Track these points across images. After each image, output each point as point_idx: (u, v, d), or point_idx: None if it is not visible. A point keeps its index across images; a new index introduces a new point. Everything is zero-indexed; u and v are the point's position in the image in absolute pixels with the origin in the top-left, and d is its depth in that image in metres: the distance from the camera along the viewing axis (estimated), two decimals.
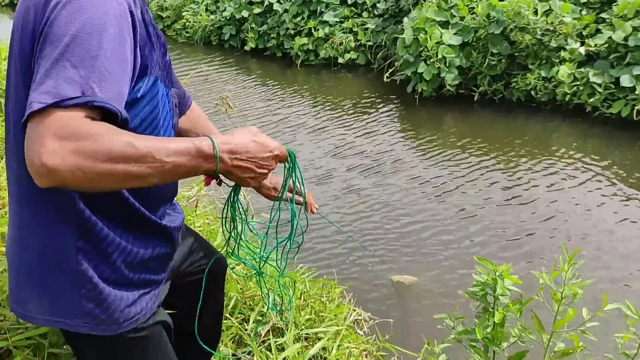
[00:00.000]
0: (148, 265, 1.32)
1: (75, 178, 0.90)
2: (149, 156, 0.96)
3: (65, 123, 0.89)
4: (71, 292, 1.19)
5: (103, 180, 0.93)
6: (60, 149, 0.88)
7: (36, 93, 0.91)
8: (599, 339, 1.80)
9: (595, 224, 4.36)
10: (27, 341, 1.48)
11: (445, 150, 5.93)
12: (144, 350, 1.35)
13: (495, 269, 1.77)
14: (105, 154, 0.91)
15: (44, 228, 1.17)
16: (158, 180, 1.01)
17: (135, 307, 1.28)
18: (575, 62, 6.52)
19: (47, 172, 0.88)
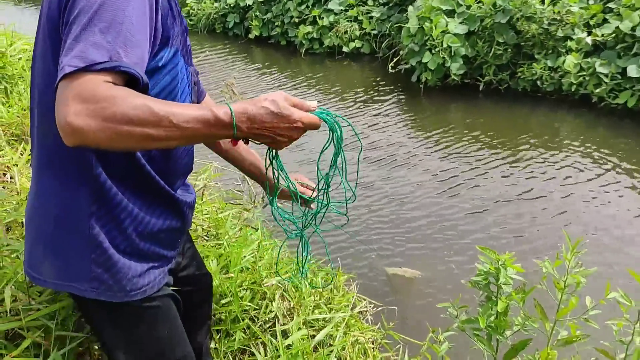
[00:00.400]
0: (158, 237, 1.35)
1: (96, 138, 0.95)
2: (167, 120, 0.99)
3: (88, 86, 0.94)
4: (82, 255, 1.24)
5: (123, 141, 0.97)
6: (82, 110, 0.93)
7: (67, 57, 0.96)
8: (603, 327, 1.82)
9: (600, 213, 4.36)
10: (38, 322, 1.51)
11: (449, 140, 5.92)
12: (153, 320, 1.39)
13: (498, 258, 1.78)
14: (124, 116, 0.95)
15: (61, 192, 1.23)
16: (177, 143, 1.05)
17: (144, 279, 1.32)
18: (581, 52, 6.48)
19: (71, 131, 0.94)
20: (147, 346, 1.41)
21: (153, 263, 1.36)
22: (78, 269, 1.25)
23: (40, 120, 1.22)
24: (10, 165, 2.27)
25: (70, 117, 0.93)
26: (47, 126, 1.20)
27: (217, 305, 2.13)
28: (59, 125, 0.95)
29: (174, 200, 1.37)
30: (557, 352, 1.73)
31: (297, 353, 1.82)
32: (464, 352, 2.27)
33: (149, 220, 1.31)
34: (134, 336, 1.38)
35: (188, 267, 1.69)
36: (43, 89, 1.19)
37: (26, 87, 3.05)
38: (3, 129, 2.58)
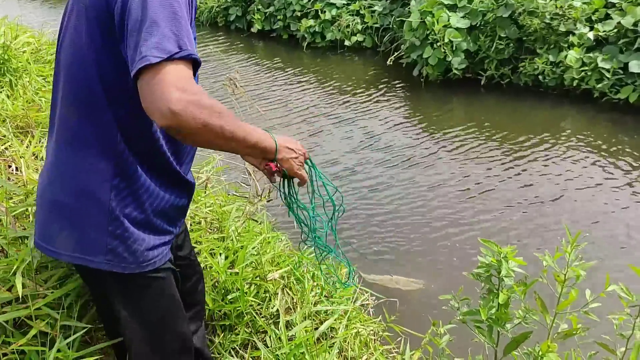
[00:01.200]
0: (169, 214, 1.46)
1: (189, 124, 1.08)
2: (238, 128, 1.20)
3: (181, 77, 1.10)
4: (99, 228, 1.32)
5: (204, 133, 1.12)
6: (182, 97, 1.07)
7: (145, 48, 1.09)
8: (604, 320, 1.84)
9: (603, 209, 4.38)
10: (43, 310, 1.53)
11: (450, 134, 5.93)
12: (159, 290, 1.48)
13: (500, 251, 1.79)
14: (213, 111, 1.12)
15: (84, 165, 1.31)
16: (229, 148, 1.24)
17: (154, 252, 1.42)
18: (583, 47, 6.48)
19: (171, 115, 1.06)
20: (151, 316, 1.49)
21: (162, 238, 1.45)
22: (94, 242, 1.33)
23: (64, 98, 1.31)
24: (17, 157, 2.28)
25: (173, 103, 1.05)
26: (71, 104, 1.30)
27: (223, 301, 2.14)
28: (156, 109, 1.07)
29: (184, 180, 1.49)
30: (557, 345, 1.75)
31: (300, 344, 1.84)
32: (465, 344, 2.29)
33: (162, 196, 1.41)
34: (141, 305, 1.46)
35: (183, 247, 1.78)
36: (74, 68, 1.28)
37: (31, 80, 3.05)
38: (6, 122, 2.60)
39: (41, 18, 11.84)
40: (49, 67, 3.36)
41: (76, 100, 1.29)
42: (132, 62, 1.12)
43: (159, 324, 1.51)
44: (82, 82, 1.27)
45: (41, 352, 1.49)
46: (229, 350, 2.07)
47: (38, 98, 2.92)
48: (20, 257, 1.51)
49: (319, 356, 1.85)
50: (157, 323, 1.51)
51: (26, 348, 1.45)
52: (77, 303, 1.64)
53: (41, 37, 3.77)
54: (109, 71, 1.26)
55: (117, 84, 1.27)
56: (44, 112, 2.75)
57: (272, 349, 1.92)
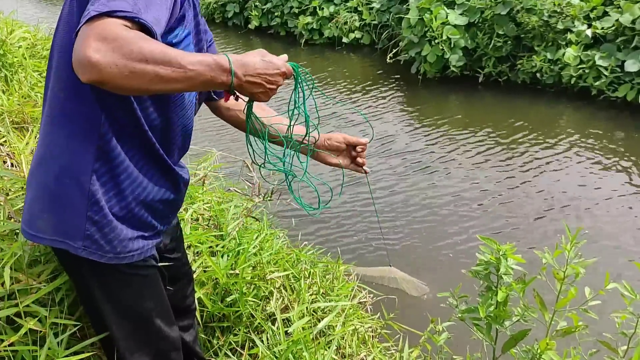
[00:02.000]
0: (153, 206, 1.41)
1: (112, 73, 1.00)
2: (175, 61, 1.06)
3: (107, 27, 1.01)
4: (78, 212, 1.29)
5: (135, 78, 1.03)
6: (101, 46, 0.99)
7: (94, 6, 1.03)
8: (605, 319, 1.83)
9: (600, 206, 4.38)
10: (32, 308, 1.51)
11: (447, 131, 5.93)
12: (139, 288, 1.44)
13: (499, 248, 1.79)
14: (138, 53, 1.02)
15: (67, 146, 1.29)
16: (182, 86, 1.11)
17: (133, 244, 1.37)
18: (581, 45, 6.48)
19: (89, 65, 0.99)
20: (132, 314, 1.45)
21: (144, 232, 1.41)
22: (73, 226, 1.30)
23: (56, 75, 1.30)
24: (15, 153, 2.27)
25: (90, 52, 0.98)
26: (61, 81, 1.28)
27: (222, 303, 2.13)
28: (77, 61, 1.01)
29: (172, 172, 1.43)
30: (556, 343, 1.74)
31: (297, 341, 1.83)
32: (464, 342, 2.29)
33: (146, 186, 1.37)
34: (121, 302, 1.43)
35: (175, 250, 1.73)
36: (64, 45, 1.26)
37: (26, 75, 3.03)
38: (3, 117, 2.58)
39: (37, 14, 11.79)
40: (45, 62, 3.34)
41: (65, 81, 1.27)
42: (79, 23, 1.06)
43: (142, 321, 1.48)
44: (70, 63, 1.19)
45: (32, 350, 1.47)
46: (227, 349, 2.05)
47: (34, 93, 2.90)
48: (11, 250, 1.49)
49: (317, 353, 1.84)
50: (140, 320, 1.47)
51: (18, 348, 1.43)
52: (69, 297, 1.62)
53: (37, 33, 3.75)
54: None
55: None
56: (39, 107, 2.74)
57: (269, 345, 1.91)
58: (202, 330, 2.16)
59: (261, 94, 1.29)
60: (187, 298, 1.83)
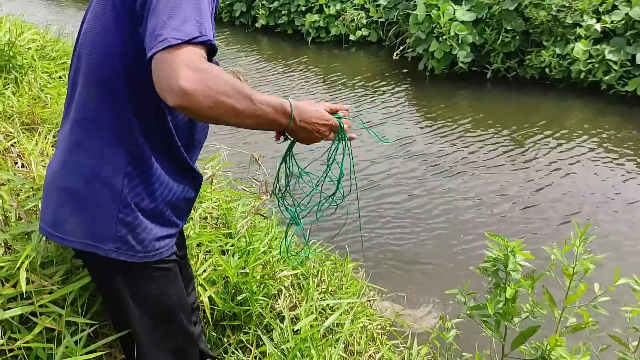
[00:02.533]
0: (178, 206, 1.47)
1: (199, 103, 1.10)
2: (249, 98, 1.17)
3: (192, 57, 1.10)
4: (110, 215, 1.33)
5: (216, 109, 1.13)
6: (192, 76, 1.08)
7: (166, 30, 1.11)
8: (615, 314, 1.82)
9: (609, 201, 4.35)
10: (47, 308, 1.53)
11: (456, 128, 5.91)
12: (164, 282, 1.49)
13: (507, 245, 1.78)
14: (223, 87, 1.12)
15: (99, 150, 1.32)
16: (249, 122, 1.22)
17: (160, 242, 1.42)
18: (590, 39, 6.43)
19: (182, 93, 1.07)
20: (158, 308, 1.49)
21: (169, 229, 1.46)
22: (104, 229, 1.33)
23: (85, 79, 1.32)
24: (25, 154, 2.29)
25: (182, 82, 1.07)
26: (92, 86, 1.31)
27: (232, 302, 2.14)
28: (167, 87, 1.09)
29: (193, 171, 1.50)
30: (565, 339, 1.74)
31: (305, 338, 1.83)
32: (473, 339, 2.28)
33: (172, 186, 1.42)
34: (147, 296, 1.46)
35: (180, 247, 1.77)
36: (95, 53, 1.30)
37: (36, 76, 3.06)
38: (13, 119, 2.60)
39: (46, 16, 11.87)
40: (54, 63, 3.36)
41: (96, 85, 1.31)
42: (150, 43, 1.13)
43: (165, 316, 1.52)
44: (104, 67, 1.29)
45: (47, 348, 1.49)
46: (237, 347, 2.06)
47: (44, 95, 2.92)
48: (25, 252, 1.51)
49: (325, 350, 1.84)
50: (163, 315, 1.51)
51: (33, 345, 1.45)
52: (82, 297, 1.63)
53: (46, 34, 3.78)
54: (130, 56, 1.27)
55: (137, 70, 1.28)
56: (49, 108, 2.75)
57: (277, 343, 1.92)
58: (213, 328, 2.18)
59: (306, 139, 1.42)
60: (190, 296, 1.86)
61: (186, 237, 2.27)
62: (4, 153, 2.37)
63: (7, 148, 2.39)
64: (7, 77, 2.93)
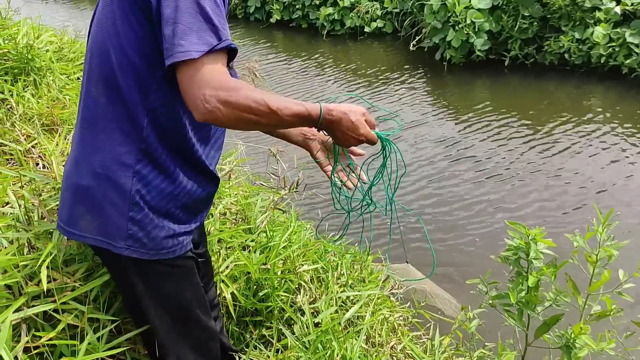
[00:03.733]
0: (190, 204, 1.46)
1: (222, 118, 1.17)
2: (276, 113, 1.22)
3: (218, 74, 1.18)
4: (121, 213, 1.34)
5: (240, 124, 1.21)
6: (217, 95, 1.15)
7: (187, 41, 1.16)
8: (637, 300, 1.79)
9: (632, 187, 4.27)
10: (70, 305, 1.55)
11: (475, 117, 5.84)
12: (179, 279, 1.50)
13: (528, 233, 1.76)
14: (246, 106, 1.18)
15: (108, 148, 1.33)
16: (275, 129, 1.34)
17: (174, 240, 1.43)
18: (610, 23, 6.29)
19: (206, 111, 1.16)
20: (174, 304, 1.50)
21: (182, 227, 1.45)
22: (115, 226, 1.34)
23: (96, 79, 1.34)
24: (46, 155, 2.32)
25: (207, 98, 1.15)
26: (102, 86, 1.33)
27: (254, 298, 2.15)
28: (194, 105, 1.16)
29: (208, 171, 1.49)
30: (590, 327, 1.71)
31: (326, 330, 1.83)
32: (495, 328, 2.26)
33: (185, 186, 1.42)
34: (163, 293, 1.48)
35: (200, 245, 1.80)
36: (105, 51, 1.31)
37: (54, 78, 3.09)
38: (33, 120, 2.64)
39: (64, 17, 12.01)
40: (72, 65, 3.40)
41: (106, 82, 1.32)
42: (169, 50, 1.17)
43: (182, 312, 1.53)
44: (113, 65, 1.30)
45: (70, 345, 1.51)
46: (259, 342, 2.07)
47: (62, 96, 2.95)
48: (47, 250, 1.53)
49: (346, 342, 1.84)
50: (180, 311, 1.52)
51: (57, 342, 1.47)
52: (103, 295, 1.66)
53: (63, 36, 3.82)
54: (138, 55, 1.28)
55: (146, 69, 1.29)
56: (68, 109, 2.79)
57: (299, 336, 1.92)
58: (236, 324, 2.19)
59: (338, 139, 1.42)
60: (210, 293, 1.88)
61: (207, 234, 2.29)
62: (26, 154, 2.41)
63: (28, 149, 2.42)
64: (27, 79, 2.97)
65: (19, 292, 1.53)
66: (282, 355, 1.86)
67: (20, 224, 1.72)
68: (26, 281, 1.54)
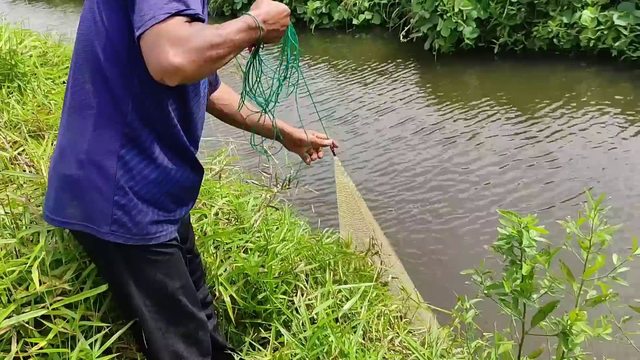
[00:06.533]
0: (176, 192, 1.47)
1: (192, 69, 1.15)
2: (228, 39, 1.22)
3: (174, 29, 1.14)
4: (106, 197, 1.35)
5: (207, 65, 1.18)
6: (177, 50, 1.13)
7: (153, 11, 1.15)
8: (636, 285, 1.78)
9: (625, 171, 4.27)
10: (60, 311, 1.53)
11: (466, 106, 5.84)
12: (166, 267, 1.50)
13: (520, 221, 1.75)
14: (204, 45, 1.16)
15: (92, 133, 1.34)
16: (233, 55, 1.28)
17: (158, 226, 1.44)
18: (598, 6, 6.29)
19: (174, 70, 1.13)
20: (159, 293, 1.50)
21: (167, 215, 1.46)
22: (100, 211, 1.35)
23: (81, 68, 1.36)
24: (34, 160, 2.30)
25: (170, 58, 1.12)
26: (87, 73, 1.35)
27: (253, 301, 2.14)
28: (160, 69, 1.14)
29: (193, 161, 1.51)
30: (586, 313, 1.70)
31: (323, 326, 1.82)
32: (491, 318, 2.26)
33: (169, 172, 1.43)
34: (149, 281, 1.48)
35: (187, 240, 1.80)
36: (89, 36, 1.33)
37: (39, 83, 3.06)
38: (19, 127, 2.61)
39: (48, 22, 11.92)
40: (57, 69, 3.36)
41: (91, 69, 1.33)
42: (138, 22, 1.17)
43: (169, 300, 1.53)
44: (97, 51, 1.31)
45: (62, 353, 1.49)
46: (254, 342, 2.06)
47: (48, 101, 2.92)
48: (34, 253, 1.51)
49: (344, 337, 1.83)
50: (167, 300, 1.52)
51: (48, 351, 1.45)
52: (93, 296, 1.63)
53: (47, 40, 3.78)
54: (120, 41, 1.30)
55: (128, 53, 1.30)
56: (54, 114, 2.75)
57: (296, 332, 1.91)
58: (235, 326, 2.18)
59: (275, 38, 1.44)
60: (200, 291, 1.87)
61: (204, 234, 2.27)
62: (13, 161, 2.38)
63: (15, 156, 2.40)
64: (11, 85, 2.94)
65: (8, 300, 1.51)
66: (278, 352, 1.84)
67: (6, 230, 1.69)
68: (15, 287, 1.52)
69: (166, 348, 1.55)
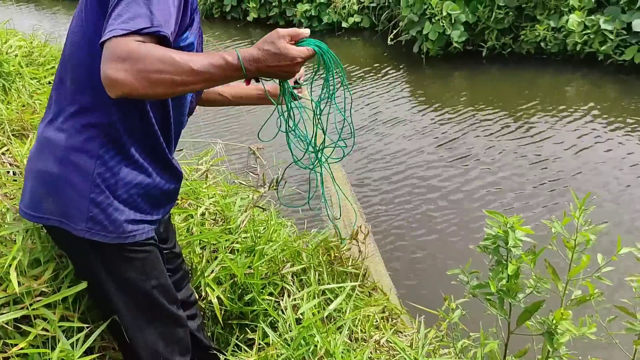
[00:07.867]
0: (152, 195, 1.48)
1: (132, 86, 1.13)
2: (186, 68, 1.17)
3: (122, 46, 1.13)
4: (82, 195, 1.35)
5: (154, 87, 1.15)
6: (119, 66, 1.12)
7: (117, 22, 1.14)
8: (620, 285, 1.79)
9: (610, 173, 4.31)
10: (40, 311, 1.51)
11: (454, 108, 5.86)
12: (142, 265, 1.49)
13: (506, 221, 1.75)
14: (152, 66, 1.13)
15: (75, 132, 1.35)
16: (202, 86, 1.23)
17: (134, 225, 1.44)
18: (584, 10, 6.35)
19: (112, 83, 1.12)
20: (136, 291, 1.50)
21: (143, 216, 1.47)
22: (76, 208, 1.35)
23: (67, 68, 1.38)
24: (18, 159, 2.27)
25: (110, 72, 1.11)
26: (72, 73, 1.36)
27: (240, 302, 2.13)
28: (103, 80, 1.13)
29: (171, 166, 1.52)
30: (571, 312, 1.71)
31: (309, 326, 1.81)
32: (478, 318, 2.26)
33: (147, 175, 1.45)
34: (125, 279, 1.47)
35: (167, 241, 1.78)
36: (76, 41, 1.36)
37: (24, 83, 3.03)
38: (3, 126, 2.58)
39: (35, 22, 11.83)
40: (43, 69, 3.33)
41: (77, 70, 1.35)
42: (104, 30, 1.16)
43: (146, 298, 1.52)
44: (84, 53, 1.33)
45: (43, 353, 1.47)
46: (240, 343, 2.05)
47: (33, 101, 2.89)
48: (12, 254, 1.49)
49: (329, 337, 1.82)
50: (144, 298, 1.52)
51: (28, 351, 1.43)
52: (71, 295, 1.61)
53: (32, 40, 3.74)
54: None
55: None
56: (39, 114, 2.73)
57: (282, 332, 1.89)
58: (222, 327, 2.16)
59: (280, 77, 1.38)
60: (184, 291, 1.86)
61: (190, 234, 2.26)
62: None
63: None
64: None
65: None
66: (264, 352, 1.83)
67: None
68: None
69: (145, 346, 1.55)
